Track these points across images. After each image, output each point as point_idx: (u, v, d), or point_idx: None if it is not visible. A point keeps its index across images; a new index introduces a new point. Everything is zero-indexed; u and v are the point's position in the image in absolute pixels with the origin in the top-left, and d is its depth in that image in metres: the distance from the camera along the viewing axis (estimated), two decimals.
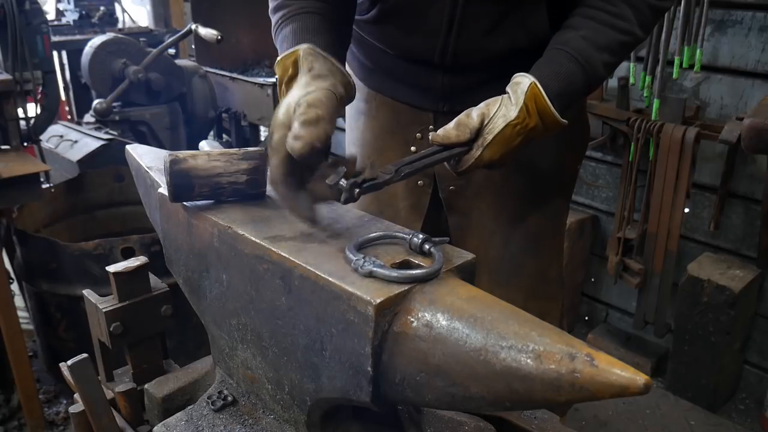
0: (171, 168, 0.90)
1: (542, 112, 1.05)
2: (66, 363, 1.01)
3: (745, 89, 2.38)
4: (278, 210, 0.95)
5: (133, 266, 1.12)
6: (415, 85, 1.30)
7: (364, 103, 1.42)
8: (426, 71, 1.26)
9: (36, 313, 2.50)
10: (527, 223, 1.38)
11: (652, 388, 0.59)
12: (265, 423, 0.95)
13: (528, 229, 1.39)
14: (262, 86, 2.83)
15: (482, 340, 0.66)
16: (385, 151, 1.40)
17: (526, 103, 1.04)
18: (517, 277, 1.40)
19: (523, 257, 1.40)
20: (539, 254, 1.42)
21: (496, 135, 1.04)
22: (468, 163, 1.07)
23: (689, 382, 2.57)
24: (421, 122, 1.33)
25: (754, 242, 2.47)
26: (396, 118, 1.37)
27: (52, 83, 2.57)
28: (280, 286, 0.82)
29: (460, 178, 1.32)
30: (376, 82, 1.38)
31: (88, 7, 4.31)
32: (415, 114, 1.34)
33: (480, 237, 1.38)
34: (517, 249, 1.39)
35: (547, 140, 1.24)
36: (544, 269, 1.44)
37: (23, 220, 2.51)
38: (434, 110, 1.31)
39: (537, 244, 1.40)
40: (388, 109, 1.38)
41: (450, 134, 1.04)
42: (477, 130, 1.05)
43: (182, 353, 2.31)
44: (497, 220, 1.37)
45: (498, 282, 1.38)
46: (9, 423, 2.47)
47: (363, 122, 1.44)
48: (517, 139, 1.05)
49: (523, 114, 1.04)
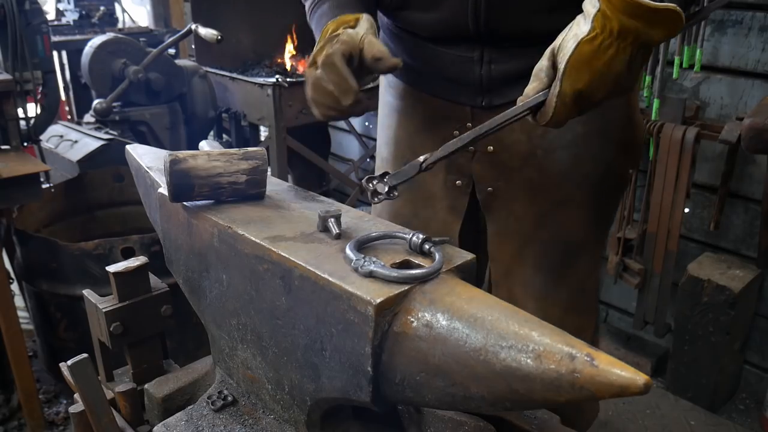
0: (171, 168, 0.90)
1: (628, 6, 0.81)
2: (66, 363, 1.01)
3: (745, 89, 2.38)
4: (278, 210, 0.95)
5: (133, 266, 1.12)
6: (452, 78, 1.23)
7: (399, 100, 1.36)
8: (462, 60, 1.19)
9: (36, 313, 2.50)
10: (568, 232, 1.27)
11: (652, 388, 0.59)
12: (265, 423, 0.95)
13: (569, 238, 1.28)
14: (262, 86, 2.82)
15: (482, 340, 0.66)
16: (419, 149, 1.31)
17: (602, 10, 0.83)
18: (555, 290, 1.29)
19: (563, 269, 1.29)
20: (579, 266, 1.30)
21: (570, 59, 0.84)
22: (550, 107, 0.88)
23: (689, 382, 2.57)
24: (458, 118, 1.25)
25: (754, 242, 2.47)
26: (432, 115, 1.30)
27: (52, 83, 2.56)
28: (280, 286, 0.82)
29: (497, 179, 1.24)
30: (411, 76, 1.32)
31: (88, 7, 4.31)
32: (451, 109, 1.26)
33: (517, 244, 1.29)
34: (556, 260, 1.28)
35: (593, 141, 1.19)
36: (582, 282, 1.32)
37: (23, 220, 2.51)
38: (472, 104, 1.23)
39: (577, 254, 1.30)
40: (424, 105, 1.31)
41: (528, 91, 0.90)
42: (552, 68, 0.88)
43: (182, 353, 2.32)
44: (535, 227, 1.27)
45: (533, 295, 1.29)
46: (9, 423, 2.47)
47: (396, 120, 1.38)
48: (604, 55, 0.84)
49: (598, 23, 0.83)
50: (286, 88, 2.74)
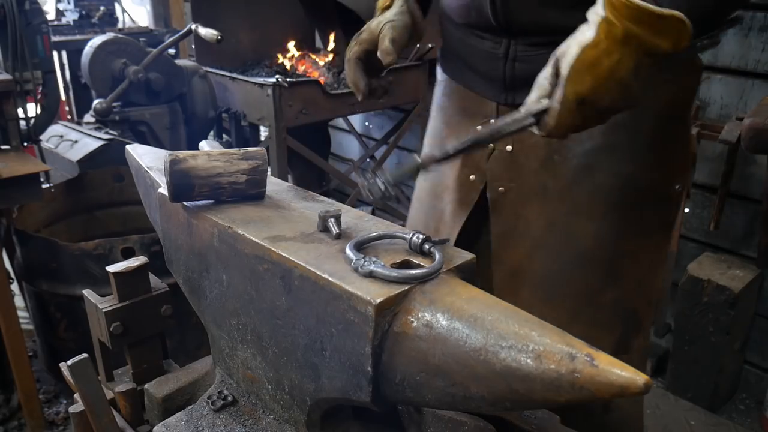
0: (171, 168, 0.90)
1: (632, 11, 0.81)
2: (66, 363, 1.01)
3: (745, 89, 2.38)
4: (278, 210, 0.95)
5: (133, 266, 1.12)
6: (481, 72, 1.24)
7: (440, 90, 1.42)
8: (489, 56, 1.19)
9: (36, 313, 2.50)
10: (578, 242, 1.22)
11: (652, 388, 0.59)
12: (265, 423, 0.95)
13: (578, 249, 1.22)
14: (262, 86, 2.82)
15: (482, 340, 0.66)
16: (445, 141, 1.32)
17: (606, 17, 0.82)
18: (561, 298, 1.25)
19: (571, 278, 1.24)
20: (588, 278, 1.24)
21: (573, 63, 0.84)
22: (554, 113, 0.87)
23: (689, 382, 2.57)
24: (484, 113, 1.25)
25: (754, 242, 2.47)
26: (462, 107, 1.31)
27: (52, 83, 2.56)
28: (280, 286, 0.82)
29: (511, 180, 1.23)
30: (449, 67, 1.37)
31: (88, 7, 4.31)
32: (479, 104, 1.26)
33: (524, 248, 1.25)
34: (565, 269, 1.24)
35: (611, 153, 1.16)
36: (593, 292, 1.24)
37: (23, 220, 2.51)
38: (497, 101, 1.22)
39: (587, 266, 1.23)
40: (457, 96, 1.34)
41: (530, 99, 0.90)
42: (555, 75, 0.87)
43: (182, 353, 2.32)
44: (545, 233, 1.23)
45: (540, 298, 1.26)
46: (9, 423, 2.47)
47: (435, 110, 1.44)
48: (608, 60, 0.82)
49: (602, 30, 0.82)
50: (286, 88, 2.73)
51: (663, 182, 1.21)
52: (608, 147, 1.16)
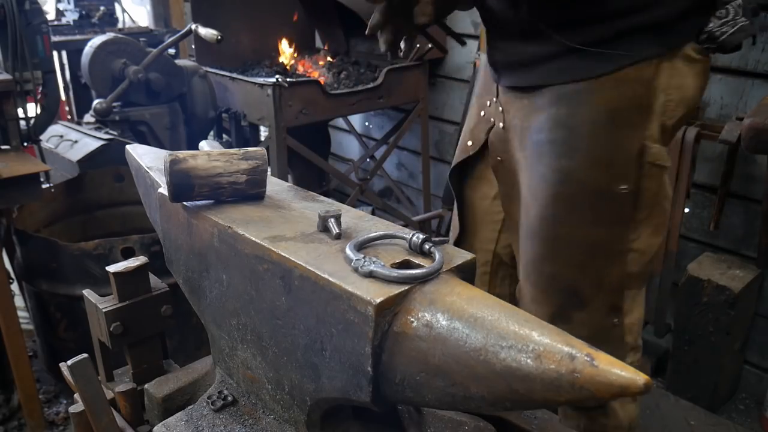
0: (171, 168, 0.90)
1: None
2: (66, 363, 1.01)
3: (745, 89, 2.38)
4: (278, 210, 0.95)
5: (133, 266, 1.12)
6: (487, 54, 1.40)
7: (481, 65, 1.59)
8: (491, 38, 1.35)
9: (36, 313, 2.50)
10: (530, 217, 1.33)
11: (652, 388, 0.59)
12: (265, 423, 0.95)
13: (529, 219, 1.33)
14: (262, 86, 2.82)
15: (482, 340, 0.66)
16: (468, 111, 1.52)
17: None
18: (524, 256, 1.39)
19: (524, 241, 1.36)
20: (534, 244, 1.33)
21: None
22: None
23: (689, 382, 2.57)
24: (491, 92, 1.42)
25: (754, 242, 2.47)
26: (484, 82, 1.48)
27: (52, 83, 2.56)
28: (280, 286, 0.82)
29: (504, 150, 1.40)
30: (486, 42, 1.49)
31: (88, 7, 4.30)
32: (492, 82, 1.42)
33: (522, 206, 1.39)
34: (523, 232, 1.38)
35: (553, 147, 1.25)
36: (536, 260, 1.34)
37: (23, 220, 2.51)
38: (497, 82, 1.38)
39: (533, 235, 1.33)
40: (484, 72, 1.49)
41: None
42: None
43: (182, 353, 2.32)
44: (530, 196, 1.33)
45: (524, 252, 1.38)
46: (9, 423, 2.47)
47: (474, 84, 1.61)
48: None
49: None
50: (286, 88, 2.73)
51: (605, 182, 1.23)
52: (549, 141, 1.26)
